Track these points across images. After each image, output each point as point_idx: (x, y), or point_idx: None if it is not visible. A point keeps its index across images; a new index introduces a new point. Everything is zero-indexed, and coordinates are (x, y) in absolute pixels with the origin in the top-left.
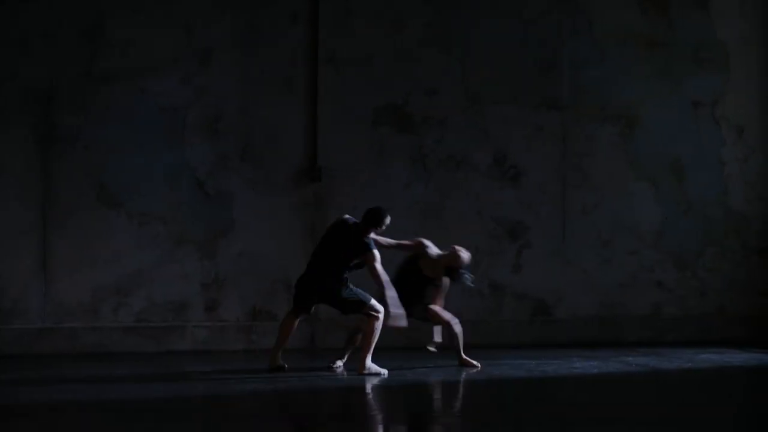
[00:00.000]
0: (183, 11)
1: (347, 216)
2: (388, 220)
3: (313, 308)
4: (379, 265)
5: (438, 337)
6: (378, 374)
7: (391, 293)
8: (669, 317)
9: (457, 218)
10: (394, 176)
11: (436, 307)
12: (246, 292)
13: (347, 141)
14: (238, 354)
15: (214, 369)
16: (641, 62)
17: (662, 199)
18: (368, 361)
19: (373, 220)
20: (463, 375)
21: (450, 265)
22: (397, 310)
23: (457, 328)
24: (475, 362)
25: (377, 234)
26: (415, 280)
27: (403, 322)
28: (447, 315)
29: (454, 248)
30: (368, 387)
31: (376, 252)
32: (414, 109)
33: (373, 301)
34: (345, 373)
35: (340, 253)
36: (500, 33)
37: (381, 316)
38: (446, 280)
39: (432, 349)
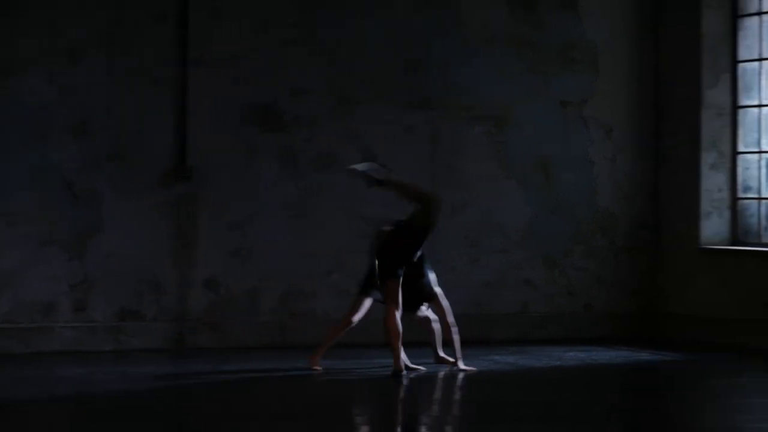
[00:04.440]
0: (49, 9)
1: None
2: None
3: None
4: None
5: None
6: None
7: None
8: (537, 315)
9: (326, 217)
10: (263, 175)
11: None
12: (114, 293)
13: (216, 140)
14: (106, 354)
15: (82, 370)
16: (510, 62)
17: (531, 198)
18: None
19: None
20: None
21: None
22: None
23: (436, 325)
24: (420, 367)
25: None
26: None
27: None
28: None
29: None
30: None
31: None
32: (283, 108)
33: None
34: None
35: None
36: (368, 32)
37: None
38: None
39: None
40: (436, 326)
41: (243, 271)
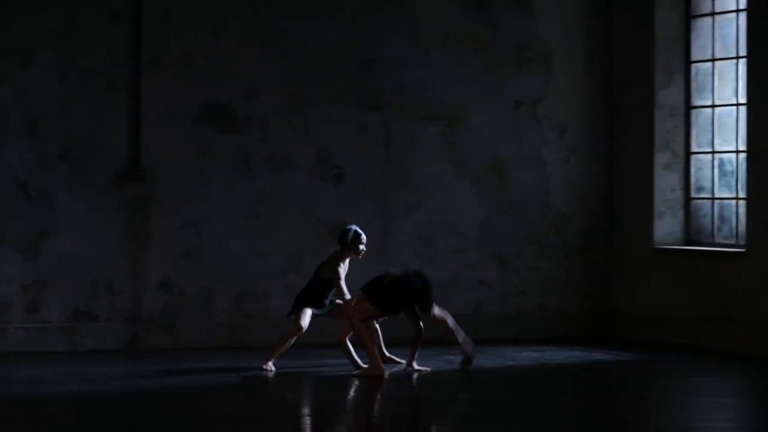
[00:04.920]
0: (1, 10)
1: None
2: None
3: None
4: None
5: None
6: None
7: None
8: (491, 315)
9: (280, 218)
10: (217, 176)
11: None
12: (68, 294)
13: (170, 141)
14: (60, 355)
15: (35, 371)
16: (464, 62)
17: (484, 199)
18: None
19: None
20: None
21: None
22: None
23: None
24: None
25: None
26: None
27: None
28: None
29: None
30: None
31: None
32: (237, 109)
33: None
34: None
35: None
36: (322, 33)
37: None
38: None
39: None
40: (375, 326)
41: (197, 271)
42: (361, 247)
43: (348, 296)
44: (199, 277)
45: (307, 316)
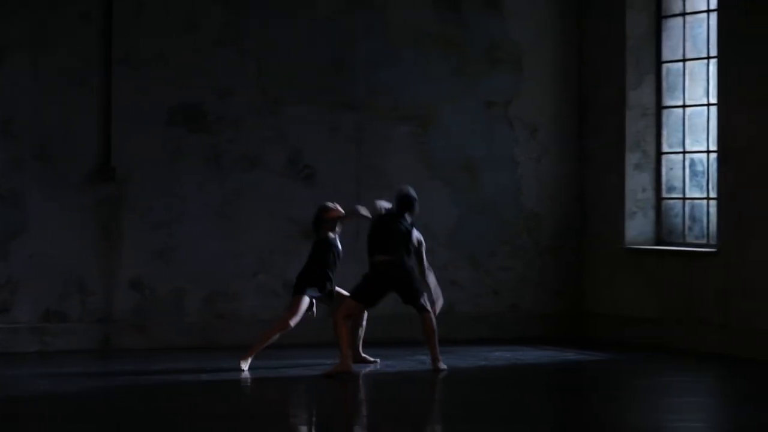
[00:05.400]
0: None
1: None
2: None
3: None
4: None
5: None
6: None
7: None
8: (463, 315)
9: (252, 218)
10: (188, 176)
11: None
12: (39, 294)
13: (142, 141)
14: (31, 356)
15: (7, 372)
16: (436, 62)
17: (456, 199)
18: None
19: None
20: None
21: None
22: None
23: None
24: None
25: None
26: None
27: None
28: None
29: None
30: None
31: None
32: (209, 108)
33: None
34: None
35: (407, 241)
36: (295, 33)
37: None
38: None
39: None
40: (363, 323)
41: (168, 271)
42: (329, 205)
43: (363, 210)
44: (171, 277)
45: (299, 314)
